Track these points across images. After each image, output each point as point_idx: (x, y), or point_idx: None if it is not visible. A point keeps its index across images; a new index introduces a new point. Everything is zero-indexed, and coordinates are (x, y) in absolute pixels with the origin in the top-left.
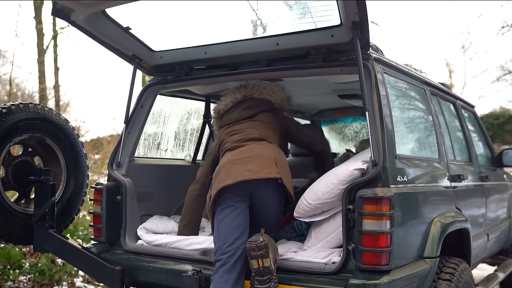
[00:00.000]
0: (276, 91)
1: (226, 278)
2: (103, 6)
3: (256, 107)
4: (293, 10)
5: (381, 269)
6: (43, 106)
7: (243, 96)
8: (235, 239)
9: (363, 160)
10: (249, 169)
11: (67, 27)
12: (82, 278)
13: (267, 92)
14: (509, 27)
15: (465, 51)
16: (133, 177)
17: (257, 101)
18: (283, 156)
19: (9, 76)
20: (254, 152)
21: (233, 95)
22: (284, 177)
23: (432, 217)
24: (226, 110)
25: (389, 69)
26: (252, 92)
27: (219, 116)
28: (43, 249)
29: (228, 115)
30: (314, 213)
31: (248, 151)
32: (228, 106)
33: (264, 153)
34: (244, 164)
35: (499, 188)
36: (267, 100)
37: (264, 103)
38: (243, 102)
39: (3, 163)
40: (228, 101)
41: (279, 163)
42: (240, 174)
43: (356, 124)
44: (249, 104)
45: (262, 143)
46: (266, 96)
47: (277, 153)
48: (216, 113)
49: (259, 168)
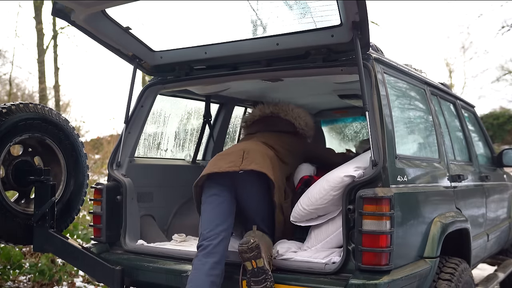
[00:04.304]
0: (302, 116)
1: (205, 261)
2: (103, 6)
3: (279, 125)
4: (293, 10)
5: (381, 269)
6: (43, 106)
7: (271, 112)
8: (216, 225)
9: (356, 166)
10: (216, 164)
11: (67, 27)
12: (82, 278)
13: (293, 114)
14: (509, 27)
15: (465, 51)
16: (133, 177)
17: (282, 121)
18: (265, 149)
19: (9, 76)
20: (234, 149)
21: (262, 109)
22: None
23: (432, 217)
24: (253, 121)
25: (389, 69)
26: (279, 111)
27: (246, 126)
28: (43, 249)
29: (253, 126)
30: (310, 217)
31: (232, 147)
32: (255, 118)
33: (239, 147)
34: (217, 160)
35: (499, 188)
36: (290, 122)
37: (287, 124)
38: (270, 118)
39: (3, 163)
40: (256, 114)
41: (249, 153)
42: (206, 170)
43: (356, 124)
44: (274, 121)
45: (252, 141)
46: (290, 118)
47: (258, 147)
48: (244, 122)
49: (224, 163)
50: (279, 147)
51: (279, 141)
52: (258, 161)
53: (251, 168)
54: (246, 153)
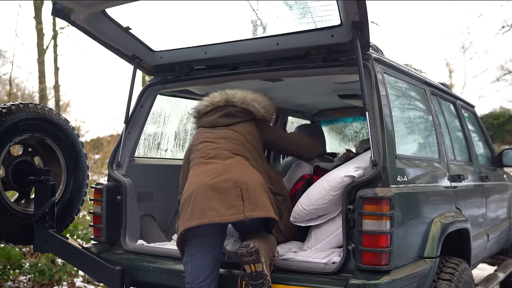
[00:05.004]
0: (261, 101)
1: None
2: (103, 6)
3: (236, 116)
4: (293, 10)
5: (381, 269)
6: (43, 106)
7: (225, 101)
8: (206, 276)
9: (356, 166)
10: (212, 207)
11: (67, 27)
12: (82, 278)
13: (249, 101)
14: (509, 27)
15: (465, 51)
16: (133, 177)
17: (238, 110)
18: (255, 176)
19: (9, 76)
20: (220, 178)
21: (214, 98)
22: (255, 207)
23: (432, 217)
24: (206, 112)
25: (389, 69)
26: (234, 100)
27: (199, 116)
28: (43, 249)
29: (207, 117)
30: (310, 217)
31: (214, 176)
32: (208, 108)
33: (230, 180)
34: (207, 199)
35: (499, 188)
36: (249, 110)
37: (245, 112)
38: (224, 108)
39: (3, 163)
40: (208, 103)
41: (248, 192)
42: (204, 215)
43: (356, 124)
44: (229, 112)
45: (233, 161)
46: (247, 106)
47: (248, 175)
48: (196, 112)
49: (223, 208)
50: (249, 153)
51: (244, 143)
52: (262, 202)
53: (257, 215)
54: (245, 191)
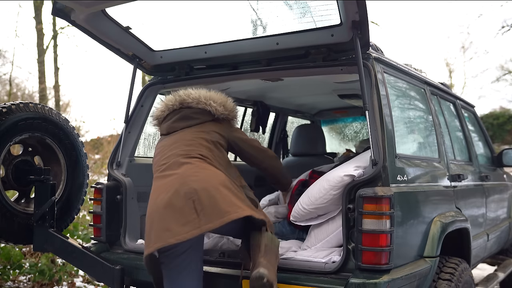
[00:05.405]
0: (217, 100)
1: None
2: (103, 5)
3: (192, 118)
4: (293, 9)
5: (381, 268)
6: (43, 106)
7: (180, 104)
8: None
9: (356, 165)
10: (167, 228)
11: (67, 27)
12: (82, 278)
13: (204, 100)
14: (509, 27)
15: (465, 51)
16: (133, 177)
17: (194, 111)
18: (214, 177)
19: (9, 76)
20: (172, 193)
21: (168, 102)
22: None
23: (432, 216)
24: (164, 118)
25: (389, 68)
26: (188, 100)
27: (159, 123)
28: (43, 249)
29: (165, 123)
30: (310, 217)
31: (167, 191)
32: (165, 114)
33: (180, 194)
34: (163, 219)
35: (499, 188)
36: (206, 110)
37: (203, 113)
38: (179, 110)
39: (3, 163)
40: (164, 107)
41: (201, 201)
42: (158, 238)
43: (356, 124)
44: (185, 114)
45: (187, 167)
46: (204, 106)
47: (204, 180)
48: (155, 119)
49: (178, 225)
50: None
51: (202, 140)
52: (220, 207)
53: (214, 226)
54: (198, 202)
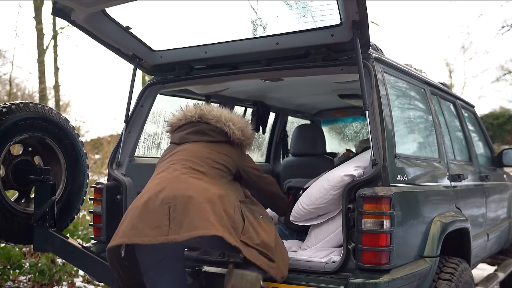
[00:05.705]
0: (237, 123)
1: None
2: (103, 5)
3: (207, 135)
4: (293, 9)
5: (381, 268)
6: (43, 106)
7: (199, 117)
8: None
9: (356, 165)
10: (136, 226)
11: (67, 27)
12: (82, 278)
13: (224, 121)
14: (509, 27)
15: (465, 51)
16: (133, 177)
17: (211, 128)
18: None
19: (9, 76)
20: (152, 194)
21: (188, 112)
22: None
23: (432, 216)
24: (179, 126)
25: (389, 68)
26: (208, 116)
27: (172, 130)
28: (43, 249)
29: (178, 132)
30: (310, 217)
31: (150, 192)
32: (181, 123)
33: (159, 197)
34: (135, 217)
35: (499, 188)
36: (223, 130)
37: (219, 132)
38: (196, 124)
39: (3, 163)
40: (181, 117)
41: (177, 210)
42: (125, 235)
43: (356, 124)
44: (201, 129)
45: (178, 174)
46: (222, 126)
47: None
48: (169, 126)
49: (147, 227)
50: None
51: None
52: (193, 221)
53: (180, 239)
54: (173, 210)
